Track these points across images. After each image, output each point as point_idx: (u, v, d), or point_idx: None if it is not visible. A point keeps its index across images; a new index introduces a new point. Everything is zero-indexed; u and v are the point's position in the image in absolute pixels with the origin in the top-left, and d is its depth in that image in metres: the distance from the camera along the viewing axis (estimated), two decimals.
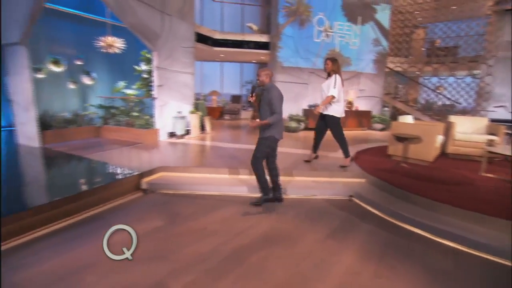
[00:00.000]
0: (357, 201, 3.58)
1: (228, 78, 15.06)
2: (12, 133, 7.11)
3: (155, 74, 6.32)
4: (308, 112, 8.63)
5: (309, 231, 2.79)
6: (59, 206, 2.95)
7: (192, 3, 7.07)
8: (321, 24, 9.70)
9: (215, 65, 14.67)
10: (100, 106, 7.07)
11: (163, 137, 6.53)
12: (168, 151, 5.61)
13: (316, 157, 4.68)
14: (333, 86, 4.00)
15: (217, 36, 10.11)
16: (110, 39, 6.13)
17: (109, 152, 5.24)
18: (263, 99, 3.18)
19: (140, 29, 5.73)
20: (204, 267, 2.18)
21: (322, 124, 4.39)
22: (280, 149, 3.57)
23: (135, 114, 6.84)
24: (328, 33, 9.75)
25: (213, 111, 11.16)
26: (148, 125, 6.45)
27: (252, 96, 3.27)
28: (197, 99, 7.95)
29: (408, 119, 5.51)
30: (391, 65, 11.24)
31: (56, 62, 6.55)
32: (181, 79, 6.81)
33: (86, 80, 7.29)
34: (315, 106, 8.16)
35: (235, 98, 12.66)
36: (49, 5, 6.18)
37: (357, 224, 2.97)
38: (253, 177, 3.42)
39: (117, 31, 6.57)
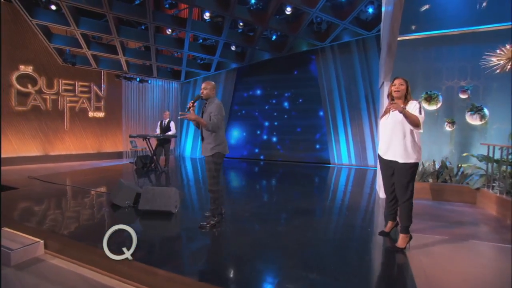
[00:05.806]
0: None
1: None
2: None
3: None
4: None
5: None
6: None
7: None
8: None
9: None
10: (485, 159, 4.58)
11: None
12: None
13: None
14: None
15: None
16: None
17: (464, 255, 2.88)
18: (205, 111, 3.18)
19: None
20: None
21: None
22: None
23: None
24: None
25: None
26: None
27: (192, 103, 3.14)
28: None
29: None
30: None
31: (429, 99, 5.16)
32: None
33: (472, 120, 5.11)
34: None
35: None
36: (403, 36, 4.97)
37: None
38: None
39: None
